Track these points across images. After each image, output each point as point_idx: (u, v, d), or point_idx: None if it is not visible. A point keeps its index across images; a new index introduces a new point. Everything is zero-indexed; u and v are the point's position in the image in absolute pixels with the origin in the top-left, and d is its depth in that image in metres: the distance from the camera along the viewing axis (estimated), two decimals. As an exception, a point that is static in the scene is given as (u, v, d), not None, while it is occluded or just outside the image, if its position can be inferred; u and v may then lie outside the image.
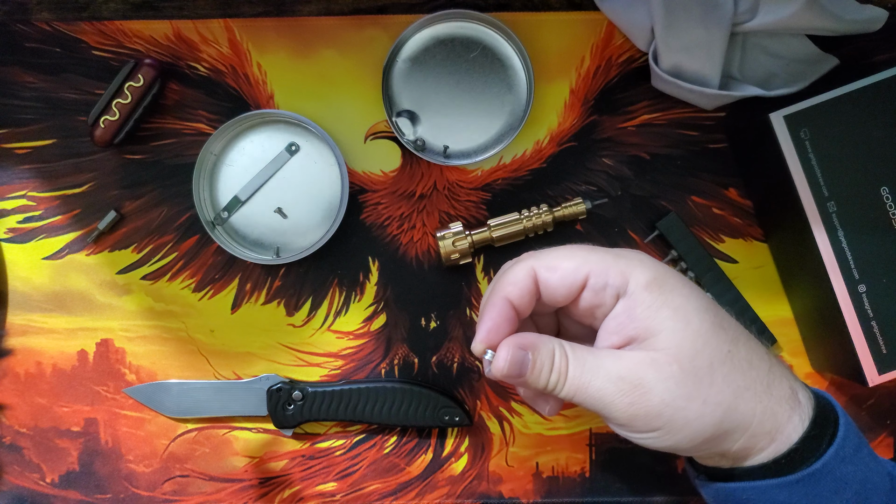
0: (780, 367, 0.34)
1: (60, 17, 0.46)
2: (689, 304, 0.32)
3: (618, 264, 0.32)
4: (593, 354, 0.33)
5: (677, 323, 0.31)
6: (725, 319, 0.33)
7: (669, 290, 0.32)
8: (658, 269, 0.33)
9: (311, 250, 0.45)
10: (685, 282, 0.33)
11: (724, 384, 0.31)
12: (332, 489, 0.46)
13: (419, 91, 0.45)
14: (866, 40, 0.46)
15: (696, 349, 0.31)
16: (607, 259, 0.33)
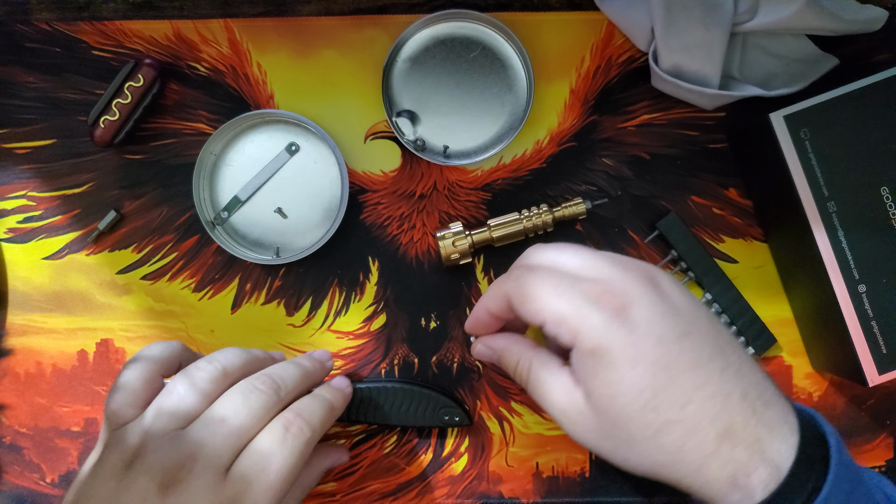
0: (744, 426, 0.30)
1: (60, 17, 0.46)
2: (622, 384, 0.31)
3: (570, 322, 0.32)
4: (550, 374, 0.34)
5: (602, 399, 0.31)
6: (668, 397, 0.30)
7: (606, 365, 0.31)
8: (605, 335, 0.31)
9: (311, 250, 0.45)
10: (631, 353, 0.31)
11: (651, 452, 0.31)
12: (332, 489, 0.46)
13: (419, 91, 0.45)
14: (866, 40, 0.46)
15: (618, 425, 0.31)
16: (564, 311, 0.32)
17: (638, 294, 0.32)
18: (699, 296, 0.47)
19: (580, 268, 0.34)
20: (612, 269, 0.33)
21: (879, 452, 0.46)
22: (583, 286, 0.32)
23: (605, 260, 0.34)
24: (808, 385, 0.46)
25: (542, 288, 0.33)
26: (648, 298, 0.32)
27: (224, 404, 0.35)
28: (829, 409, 0.46)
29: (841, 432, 0.46)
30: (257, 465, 0.33)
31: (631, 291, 0.32)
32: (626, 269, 0.33)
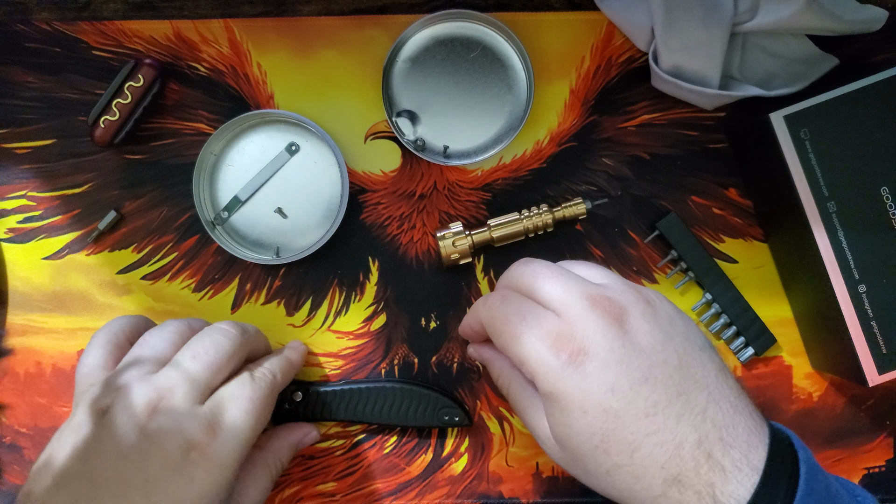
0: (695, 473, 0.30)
1: (60, 17, 0.46)
2: (574, 427, 0.32)
3: (529, 365, 0.33)
4: (525, 398, 0.37)
5: (559, 436, 0.33)
6: (618, 443, 0.31)
7: (561, 409, 0.32)
8: (559, 382, 0.32)
9: (311, 250, 0.45)
10: (581, 401, 0.32)
11: (605, 486, 0.33)
12: (332, 489, 0.46)
13: (419, 91, 0.45)
14: (866, 40, 0.46)
15: (576, 458, 0.33)
16: (524, 355, 0.33)
17: (598, 339, 0.32)
18: (699, 296, 0.47)
19: (551, 300, 0.34)
20: (579, 306, 0.33)
21: (879, 452, 0.46)
22: (546, 326, 0.33)
23: (577, 293, 0.34)
24: (808, 385, 0.46)
25: (507, 325, 0.34)
26: (608, 344, 0.32)
27: (194, 346, 0.38)
28: (829, 410, 0.46)
29: (841, 432, 0.46)
30: (228, 399, 0.36)
31: (591, 336, 0.32)
32: (593, 307, 0.33)
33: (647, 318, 0.33)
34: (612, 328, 0.32)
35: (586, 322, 0.32)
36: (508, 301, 0.35)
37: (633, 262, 0.47)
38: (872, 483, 0.46)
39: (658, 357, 0.32)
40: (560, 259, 0.46)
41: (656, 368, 0.32)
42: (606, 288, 0.34)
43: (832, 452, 0.46)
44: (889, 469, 0.46)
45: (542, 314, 0.34)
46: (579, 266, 0.37)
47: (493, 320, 0.35)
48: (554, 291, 0.34)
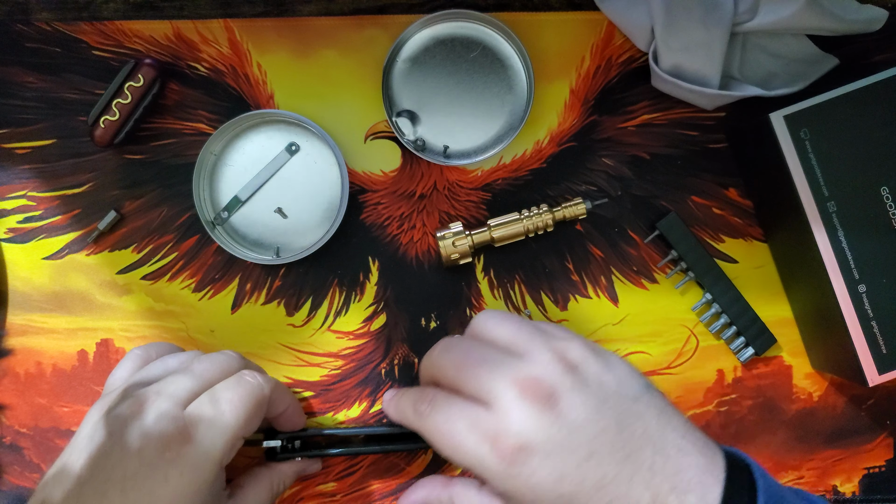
0: None
1: (60, 17, 0.46)
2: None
3: (474, 470, 0.33)
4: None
5: None
6: None
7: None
8: (505, 484, 0.32)
9: (311, 250, 0.45)
10: (531, 497, 0.32)
11: None
12: (331, 489, 0.46)
13: (419, 91, 0.45)
14: (866, 40, 0.46)
15: None
16: (464, 461, 0.33)
17: (535, 431, 0.32)
18: (699, 296, 0.47)
19: (479, 392, 0.34)
20: (509, 396, 0.33)
21: (879, 452, 0.46)
22: (482, 426, 0.33)
23: (505, 381, 0.33)
24: (808, 385, 0.46)
25: (445, 438, 0.34)
26: (546, 433, 0.32)
27: (194, 364, 0.38)
28: (829, 409, 0.46)
29: (841, 432, 0.46)
30: (213, 400, 0.36)
31: (528, 430, 0.32)
32: (523, 396, 0.32)
33: (577, 390, 0.33)
34: (546, 415, 0.32)
35: (520, 415, 0.32)
36: (437, 407, 0.35)
37: (633, 262, 0.47)
38: (872, 483, 0.46)
39: (596, 428, 0.32)
40: (560, 259, 0.46)
41: (597, 441, 0.32)
42: (531, 364, 0.34)
43: (832, 452, 0.46)
44: (889, 469, 0.46)
45: (474, 415, 0.33)
46: (490, 323, 0.37)
47: (430, 433, 0.35)
48: (480, 386, 0.34)
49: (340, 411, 0.47)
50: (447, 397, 0.35)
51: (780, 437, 0.46)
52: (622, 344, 0.46)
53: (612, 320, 0.46)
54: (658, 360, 0.46)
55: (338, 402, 0.46)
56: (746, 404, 0.46)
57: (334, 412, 0.47)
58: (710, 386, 0.46)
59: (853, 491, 0.46)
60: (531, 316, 0.46)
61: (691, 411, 0.46)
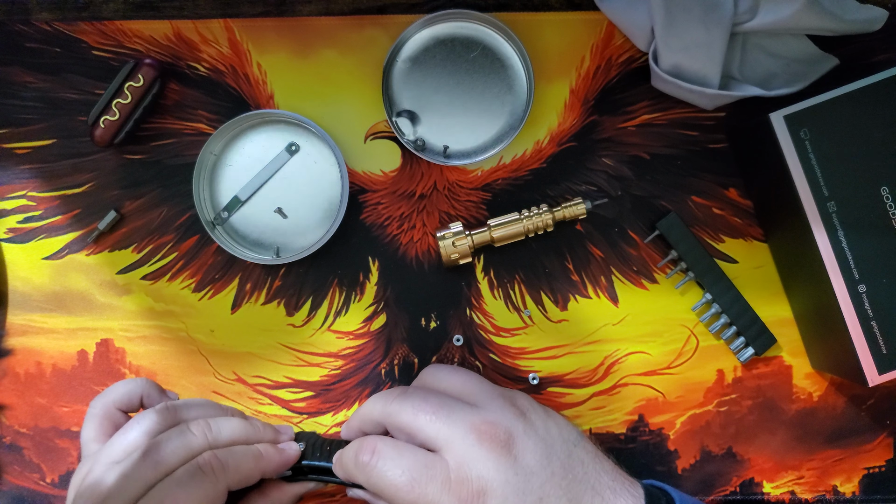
0: None
1: (60, 17, 0.46)
2: None
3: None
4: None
5: None
6: None
7: None
8: None
9: (311, 250, 0.45)
10: None
11: None
12: (332, 489, 0.46)
13: (419, 91, 0.45)
14: (866, 40, 0.46)
15: None
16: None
17: (492, 476, 0.33)
18: (699, 296, 0.47)
19: (436, 439, 0.34)
20: (467, 443, 0.34)
21: (879, 452, 0.46)
22: (440, 475, 0.33)
23: (462, 428, 0.34)
24: (808, 385, 0.46)
25: (404, 490, 0.33)
26: (502, 478, 0.33)
27: (159, 443, 0.36)
28: (830, 409, 0.46)
29: (841, 432, 0.46)
30: (162, 494, 0.34)
31: (486, 475, 0.33)
32: (480, 441, 0.34)
33: (528, 435, 0.35)
34: (502, 460, 0.33)
35: (477, 460, 0.33)
36: (384, 456, 0.35)
37: (633, 262, 0.47)
38: (872, 483, 0.46)
39: (546, 472, 0.34)
40: (560, 259, 0.46)
41: (547, 485, 0.34)
42: (485, 411, 0.35)
43: (832, 452, 0.46)
44: (889, 469, 0.46)
45: (431, 464, 0.34)
46: (440, 374, 0.39)
47: (377, 484, 0.34)
48: (438, 431, 0.34)
49: (340, 411, 0.47)
50: (394, 444, 0.35)
51: (780, 437, 0.46)
52: (622, 344, 0.46)
53: (612, 320, 0.46)
54: (658, 360, 0.46)
55: (338, 402, 0.46)
56: (746, 404, 0.46)
57: (334, 412, 0.47)
58: (710, 386, 0.46)
59: (853, 491, 0.46)
60: (531, 316, 0.46)
61: (691, 411, 0.46)
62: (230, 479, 0.36)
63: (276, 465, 0.39)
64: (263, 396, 0.46)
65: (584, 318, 0.47)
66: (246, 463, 0.37)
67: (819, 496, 0.46)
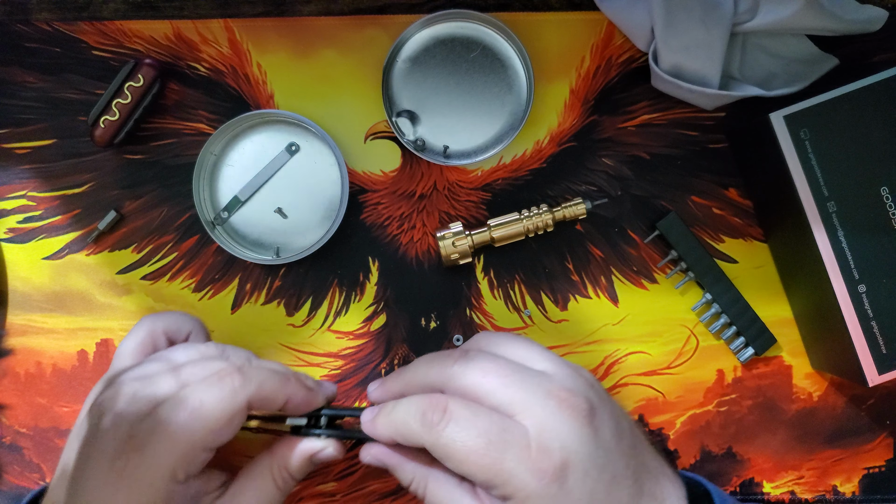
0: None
1: (60, 17, 0.46)
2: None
3: (501, 490, 0.30)
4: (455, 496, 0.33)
5: None
6: None
7: None
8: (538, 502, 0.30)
9: (311, 250, 0.45)
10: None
11: None
12: (332, 489, 0.46)
13: (419, 91, 0.45)
14: (866, 40, 0.46)
15: None
16: (496, 479, 0.30)
17: (576, 448, 0.30)
18: (699, 296, 0.47)
19: (510, 403, 0.31)
20: (547, 410, 0.31)
21: (879, 452, 0.46)
22: (519, 442, 0.30)
23: (540, 394, 0.31)
24: (808, 385, 0.46)
25: (475, 456, 0.30)
26: (586, 451, 0.30)
27: (185, 369, 0.35)
28: (830, 409, 0.46)
29: (841, 432, 0.46)
30: (183, 397, 0.33)
31: (569, 445, 0.30)
32: (560, 408, 0.31)
33: (604, 409, 0.32)
34: (585, 431, 0.31)
35: (560, 429, 0.30)
36: (457, 418, 0.31)
37: (633, 262, 0.47)
38: (872, 483, 0.46)
39: (619, 449, 0.31)
40: (560, 259, 0.46)
41: (619, 463, 0.31)
42: (560, 378, 0.32)
43: (832, 452, 0.46)
44: (889, 469, 0.46)
45: (509, 429, 0.30)
46: (498, 341, 0.35)
47: (447, 448, 0.31)
48: (513, 395, 0.31)
49: (340, 411, 0.46)
50: (466, 404, 0.31)
51: (780, 437, 0.46)
52: (622, 344, 0.46)
53: (612, 320, 0.46)
54: (658, 360, 0.46)
55: (338, 402, 0.46)
56: (746, 404, 0.46)
57: (334, 412, 0.46)
58: (710, 386, 0.46)
59: (853, 491, 0.46)
60: (531, 316, 0.46)
61: (691, 411, 0.46)
62: (251, 392, 0.34)
63: (302, 397, 0.36)
64: (263, 396, 0.46)
65: (584, 318, 0.47)
66: (271, 381, 0.35)
67: (819, 496, 0.46)
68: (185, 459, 0.32)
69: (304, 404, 0.37)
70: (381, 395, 0.37)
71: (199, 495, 0.34)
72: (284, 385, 0.36)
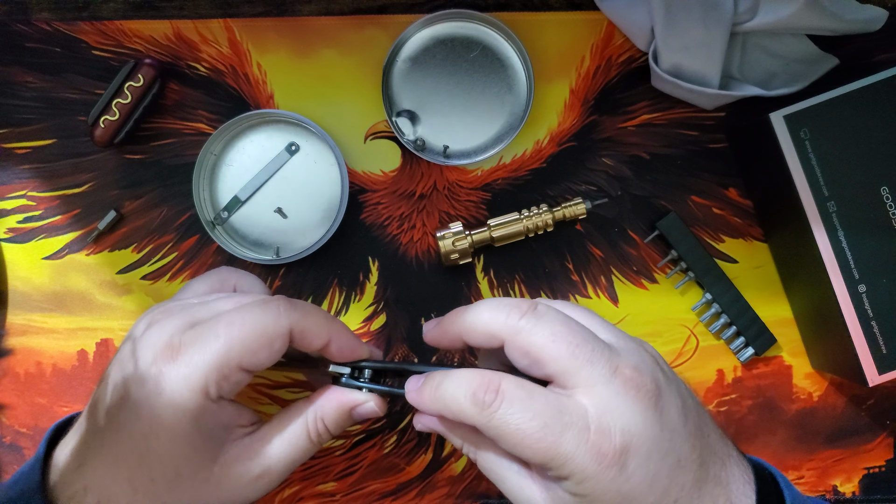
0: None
1: (60, 17, 0.46)
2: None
3: (558, 471, 0.29)
4: (501, 467, 0.32)
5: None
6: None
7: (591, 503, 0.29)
8: (597, 486, 0.28)
9: (311, 250, 0.45)
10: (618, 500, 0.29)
11: None
12: (331, 489, 0.46)
13: (419, 91, 0.45)
14: (866, 40, 0.46)
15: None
16: (559, 455, 0.29)
17: (639, 431, 0.29)
18: (699, 296, 0.47)
19: (571, 376, 0.30)
20: (610, 389, 0.29)
21: (879, 452, 0.46)
22: (579, 423, 0.29)
23: (604, 369, 0.29)
24: (808, 385, 0.46)
25: (533, 440, 0.29)
26: (649, 434, 0.29)
27: (235, 297, 0.35)
28: (830, 409, 0.46)
29: (841, 432, 0.46)
30: (213, 323, 0.33)
31: (632, 429, 0.29)
32: (626, 388, 0.29)
33: (671, 389, 0.30)
34: (650, 413, 0.29)
35: (624, 410, 0.29)
36: (511, 398, 0.29)
37: (633, 262, 0.47)
38: (872, 483, 0.46)
39: (685, 431, 0.30)
40: (560, 259, 0.46)
41: (686, 445, 0.30)
42: (627, 354, 0.30)
43: (832, 452, 0.46)
44: (889, 469, 0.46)
45: (567, 410, 0.29)
46: (575, 312, 0.33)
47: (501, 429, 0.29)
48: (579, 368, 0.29)
49: (340, 411, 0.46)
50: (521, 383, 0.30)
51: (780, 437, 0.46)
52: (622, 344, 0.46)
53: (612, 320, 0.46)
54: (658, 360, 0.46)
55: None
56: (746, 404, 0.46)
57: (334, 412, 0.46)
58: (710, 386, 0.46)
59: (853, 491, 0.46)
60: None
61: (691, 411, 0.46)
62: (295, 319, 0.33)
63: (346, 339, 0.35)
64: (263, 396, 0.46)
65: (584, 318, 0.47)
66: (316, 315, 0.34)
67: (819, 496, 0.46)
68: (219, 373, 0.31)
69: (347, 349, 0.35)
70: (437, 335, 0.35)
71: (230, 425, 0.34)
72: (330, 322, 0.35)
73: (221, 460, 0.33)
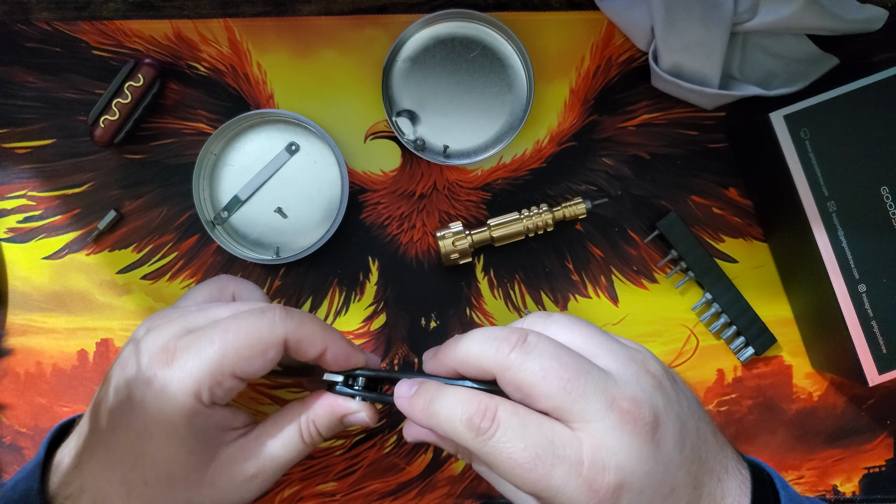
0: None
1: (60, 17, 0.46)
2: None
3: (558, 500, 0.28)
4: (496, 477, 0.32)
5: None
6: None
7: None
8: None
9: (311, 250, 0.45)
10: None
11: None
12: (331, 489, 0.46)
13: (419, 91, 0.45)
14: (866, 40, 0.46)
15: None
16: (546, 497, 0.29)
17: (633, 467, 0.28)
18: (699, 296, 0.47)
19: (565, 411, 0.29)
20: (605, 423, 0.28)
21: (879, 452, 0.46)
22: (572, 457, 0.28)
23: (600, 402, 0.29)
24: (808, 385, 0.46)
25: (523, 470, 0.28)
26: (643, 469, 0.28)
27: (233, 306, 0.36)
28: (830, 409, 0.46)
29: (841, 432, 0.46)
30: (208, 329, 0.33)
31: (626, 465, 0.28)
32: (622, 422, 0.28)
33: (669, 414, 0.29)
34: (646, 448, 0.28)
35: (619, 446, 0.28)
36: (505, 426, 0.29)
37: (633, 261, 0.47)
38: (873, 483, 0.46)
39: (680, 457, 0.29)
40: (560, 259, 0.46)
41: (680, 471, 0.29)
42: (623, 383, 0.29)
43: (832, 452, 0.46)
44: (889, 469, 0.46)
45: (560, 442, 0.28)
46: (553, 328, 0.32)
47: (494, 457, 0.29)
48: (572, 403, 0.29)
49: (340, 411, 0.46)
50: (516, 411, 0.29)
51: (780, 437, 0.46)
52: (622, 344, 0.46)
53: (612, 320, 0.46)
54: (658, 359, 0.46)
55: (338, 401, 0.46)
56: (746, 404, 0.46)
57: (334, 412, 0.46)
58: (710, 386, 0.46)
59: (853, 491, 0.46)
60: (531, 316, 0.46)
61: (691, 411, 0.46)
62: (291, 329, 0.33)
63: (341, 348, 0.35)
64: (263, 396, 0.46)
65: (584, 317, 0.46)
66: (312, 324, 0.34)
67: (819, 496, 0.46)
68: (212, 379, 0.32)
69: (342, 357, 0.35)
70: (434, 367, 0.34)
71: (224, 428, 0.34)
72: (325, 332, 0.35)
73: (215, 462, 0.34)
